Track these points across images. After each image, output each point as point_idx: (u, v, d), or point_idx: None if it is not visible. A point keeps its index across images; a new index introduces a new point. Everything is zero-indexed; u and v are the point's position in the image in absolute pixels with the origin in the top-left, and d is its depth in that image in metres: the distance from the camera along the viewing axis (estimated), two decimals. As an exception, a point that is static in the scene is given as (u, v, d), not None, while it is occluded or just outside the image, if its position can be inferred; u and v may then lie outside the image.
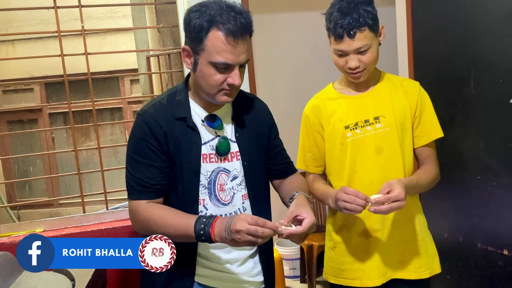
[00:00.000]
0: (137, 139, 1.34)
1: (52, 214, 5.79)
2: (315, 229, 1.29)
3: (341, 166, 1.59)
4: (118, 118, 6.25)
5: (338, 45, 1.50)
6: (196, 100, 1.39)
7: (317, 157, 1.66)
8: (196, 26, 1.25)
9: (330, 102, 1.63)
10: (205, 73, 1.28)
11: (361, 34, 1.47)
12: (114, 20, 5.63)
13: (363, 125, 1.56)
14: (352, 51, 1.48)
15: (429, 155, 1.61)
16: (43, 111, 6.21)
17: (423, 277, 1.60)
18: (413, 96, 1.59)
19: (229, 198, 1.39)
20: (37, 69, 5.63)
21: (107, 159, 5.96)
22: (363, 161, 1.56)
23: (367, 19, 1.46)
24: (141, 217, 1.33)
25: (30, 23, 5.55)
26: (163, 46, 3.44)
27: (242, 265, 1.43)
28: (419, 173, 1.56)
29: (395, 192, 1.38)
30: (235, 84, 1.29)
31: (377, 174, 1.55)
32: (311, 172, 1.68)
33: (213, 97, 1.32)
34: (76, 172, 2.18)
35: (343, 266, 1.62)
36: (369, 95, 1.59)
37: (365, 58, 1.49)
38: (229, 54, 1.25)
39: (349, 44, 1.48)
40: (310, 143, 1.66)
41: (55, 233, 1.92)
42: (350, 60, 1.50)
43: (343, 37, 1.47)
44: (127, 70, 5.51)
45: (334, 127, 1.59)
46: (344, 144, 1.57)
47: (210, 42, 1.25)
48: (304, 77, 3.45)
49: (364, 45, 1.47)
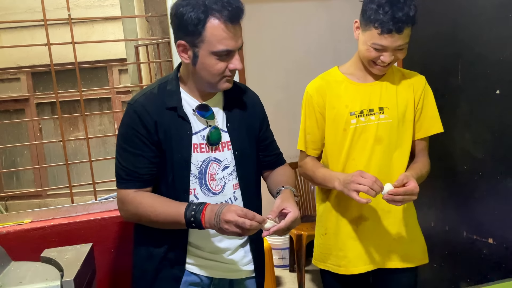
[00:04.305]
0: (127, 128, 1.34)
1: (41, 205, 5.75)
2: (300, 222, 1.31)
3: (339, 151, 1.60)
4: (106, 108, 6.20)
5: (380, 40, 1.45)
6: (187, 90, 1.38)
7: (316, 139, 1.65)
8: (193, 19, 1.24)
9: (336, 85, 1.61)
10: (207, 64, 1.28)
11: (407, 31, 1.44)
12: (102, 9, 5.57)
13: (368, 113, 1.57)
14: (393, 47, 1.46)
15: (424, 148, 1.64)
16: (30, 101, 6.13)
17: (410, 266, 1.63)
18: (418, 89, 1.61)
19: (220, 188, 1.40)
20: (23, 59, 5.55)
21: (95, 149, 5.92)
22: (361, 149, 1.57)
23: (415, 15, 1.43)
24: (130, 205, 1.33)
25: (16, 11, 5.47)
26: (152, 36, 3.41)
27: (233, 254, 1.44)
28: (420, 168, 1.56)
29: (412, 186, 1.39)
30: (238, 69, 1.31)
31: (373, 163, 1.56)
32: (308, 155, 1.68)
33: (215, 85, 1.33)
34: (64, 162, 2.16)
35: (331, 252, 1.65)
36: (376, 85, 1.60)
37: (400, 54, 1.49)
38: (229, 41, 1.26)
39: (394, 40, 1.44)
40: (311, 124, 1.64)
41: (43, 223, 1.90)
42: (386, 55, 1.47)
43: (391, 31, 1.42)
44: (115, 60, 5.46)
45: (339, 111, 1.59)
46: (347, 130, 1.57)
47: (209, 32, 1.24)
48: (294, 68, 3.45)
49: (405, 43, 1.46)
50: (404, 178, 1.40)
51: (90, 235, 1.90)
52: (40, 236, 1.87)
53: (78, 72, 2.13)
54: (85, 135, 2.19)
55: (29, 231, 1.87)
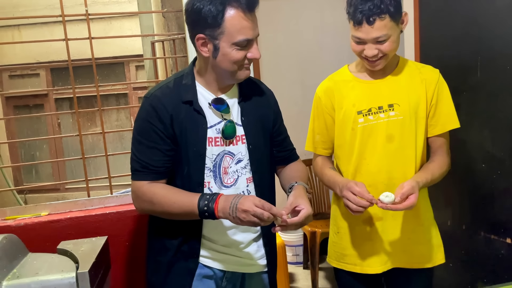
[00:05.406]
0: (143, 121, 1.35)
1: (58, 198, 5.83)
2: (312, 219, 1.32)
3: (350, 151, 1.57)
4: (123, 104, 6.26)
5: (356, 32, 1.45)
6: (203, 84, 1.39)
7: (326, 139, 1.64)
8: (212, 11, 1.25)
9: (344, 85, 1.59)
10: (228, 55, 1.29)
11: (381, 22, 1.40)
12: (119, 5, 5.62)
13: (376, 111, 1.53)
14: (370, 40, 1.43)
15: (441, 145, 1.58)
16: (49, 96, 6.23)
17: (426, 266, 1.60)
18: (431, 84, 1.55)
19: (232, 181, 1.40)
20: (42, 54, 5.63)
21: (112, 145, 5.98)
22: (372, 148, 1.54)
23: (389, 6, 1.40)
24: (145, 197, 1.35)
25: (36, 8, 5.55)
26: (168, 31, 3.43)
27: (246, 248, 1.44)
28: (433, 169, 1.52)
29: (410, 202, 1.37)
30: (256, 58, 1.33)
31: (386, 162, 1.53)
32: (319, 154, 1.67)
33: (235, 75, 1.34)
34: (81, 156, 2.19)
35: (346, 251, 1.63)
36: (385, 82, 1.56)
37: (384, 47, 1.45)
38: (248, 30, 1.28)
39: (367, 32, 1.42)
40: (320, 125, 1.64)
41: (60, 216, 1.93)
42: (367, 48, 1.45)
43: (361, 23, 1.41)
44: (132, 55, 5.50)
45: (346, 111, 1.56)
46: (355, 129, 1.55)
47: (229, 23, 1.26)
48: (309, 63, 3.43)
49: (382, 35, 1.42)
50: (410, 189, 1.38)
51: (105, 228, 1.93)
52: (57, 229, 1.90)
53: (94, 67, 2.15)
54: (101, 130, 2.22)
55: (46, 224, 1.90)
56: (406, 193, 1.38)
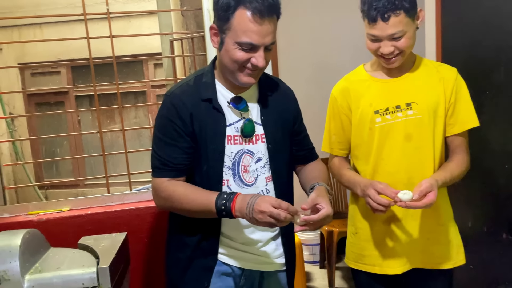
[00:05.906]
0: (163, 119, 1.36)
1: (78, 194, 5.93)
2: (331, 220, 1.32)
3: (368, 151, 1.56)
4: (142, 101, 6.32)
5: (371, 29, 1.43)
6: (222, 82, 1.39)
7: (343, 140, 1.63)
8: (224, 4, 1.25)
9: (360, 85, 1.58)
10: (229, 52, 1.28)
11: (396, 18, 1.39)
12: (138, 4, 5.66)
13: (394, 110, 1.51)
14: (386, 37, 1.42)
15: (460, 144, 1.55)
16: (70, 94, 6.33)
17: (446, 267, 1.58)
18: (449, 83, 1.52)
19: (253, 180, 1.40)
20: (64, 52, 5.72)
21: (131, 142, 6.05)
22: (390, 148, 1.52)
23: (403, 1, 1.38)
24: (164, 193, 1.36)
25: (57, 6, 5.64)
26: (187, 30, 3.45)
27: (265, 246, 1.44)
28: (452, 168, 1.50)
29: (429, 200, 1.36)
30: (258, 66, 1.29)
31: (404, 162, 1.51)
32: (336, 155, 1.66)
33: (236, 76, 1.32)
34: (101, 153, 2.22)
35: (364, 252, 1.62)
36: (402, 80, 1.54)
37: (400, 44, 1.43)
38: (254, 34, 1.25)
39: (383, 29, 1.41)
40: (336, 125, 1.63)
41: (81, 212, 1.96)
42: (383, 46, 1.44)
43: (376, 20, 1.40)
44: (151, 54, 5.55)
45: (363, 111, 1.55)
46: (373, 129, 1.53)
47: (236, 21, 1.25)
48: (326, 62, 3.40)
49: (398, 31, 1.40)
50: (428, 187, 1.36)
51: (124, 224, 1.95)
52: (77, 224, 1.92)
53: (115, 65, 2.18)
54: (121, 127, 2.24)
55: (67, 219, 1.93)
56: (425, 191, 1.36)
